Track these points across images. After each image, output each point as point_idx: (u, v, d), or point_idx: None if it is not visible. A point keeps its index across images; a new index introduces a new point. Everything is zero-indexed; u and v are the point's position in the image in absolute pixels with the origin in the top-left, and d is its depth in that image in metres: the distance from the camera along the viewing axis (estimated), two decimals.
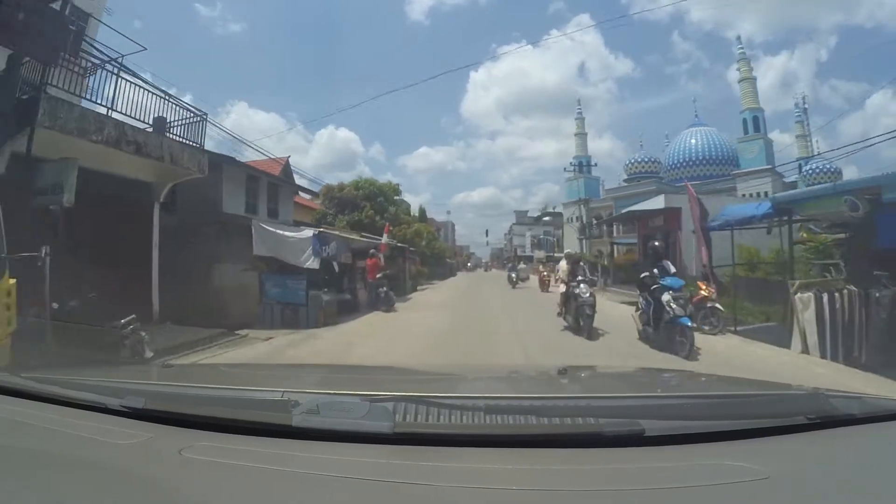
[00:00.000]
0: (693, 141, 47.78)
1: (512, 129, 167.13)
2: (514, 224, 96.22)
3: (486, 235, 66.23)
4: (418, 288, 25.64)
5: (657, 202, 19.62)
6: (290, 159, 22.82)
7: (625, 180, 48.96)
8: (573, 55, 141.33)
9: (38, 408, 1.22)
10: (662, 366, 5.30)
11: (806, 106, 44.06)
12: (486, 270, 73.36)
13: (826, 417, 1.07)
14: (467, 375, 2.02)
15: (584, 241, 36.63)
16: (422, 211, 53.50)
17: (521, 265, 30.60)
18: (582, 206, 40.20)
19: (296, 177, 22.31)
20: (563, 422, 1.05)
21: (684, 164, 46.45)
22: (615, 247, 28.49)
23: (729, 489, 0.79)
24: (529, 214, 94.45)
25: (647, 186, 42.37)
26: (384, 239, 16.71)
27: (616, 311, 11.23)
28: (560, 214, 60.48)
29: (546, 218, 60.07)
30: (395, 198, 27.65)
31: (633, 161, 49.74)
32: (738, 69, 44.40)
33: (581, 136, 55.92)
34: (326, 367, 3.09)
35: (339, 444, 0.97)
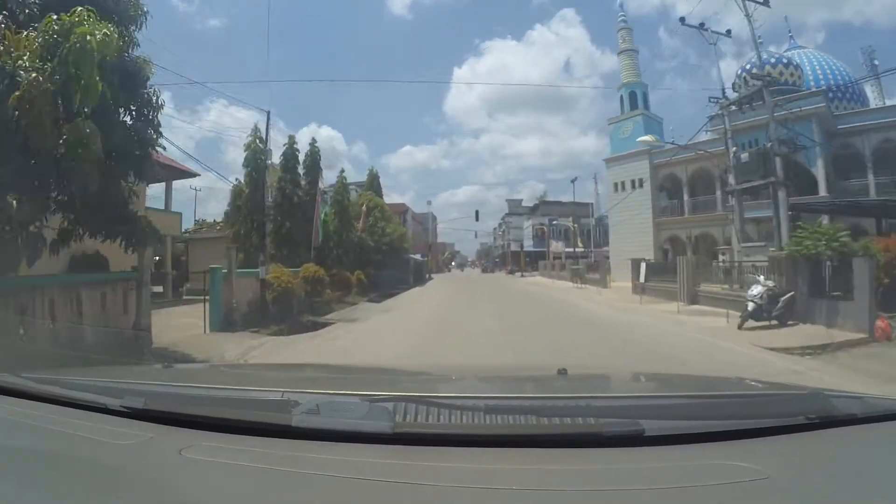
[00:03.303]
0: None
1: (496, 127, 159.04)
2: (507, 215, 77.87)
3: (476, 219, 46.62)
4: None
5: None
6: None
7: (735, 102, 25.44)
8: (557, 49, 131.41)
9: (38, 408, 1.21)
10: None
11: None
12: (458, 269, 53.43)
13: (826, 417, 1.07)
14: (467, 375, 1.98)
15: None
16: (373, 177, 31.85)
17: None
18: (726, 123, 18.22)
19: None
20: (563, 422, 1.04)
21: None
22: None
23: (729, 489, 0.79)
24: (524, 204, 75.43)
25: (807, 103, 21.13)
26: None
27: None
28: (557, 203, 39.66)
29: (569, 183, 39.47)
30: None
31: (753, 69, 25.95)
32: None
33: (629, 53, 34.72)
34: (326, 367, 2.93)
35: (339, 444, 0.96)
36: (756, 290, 9.92)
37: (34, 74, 4.83)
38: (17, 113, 4.80)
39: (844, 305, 8.91)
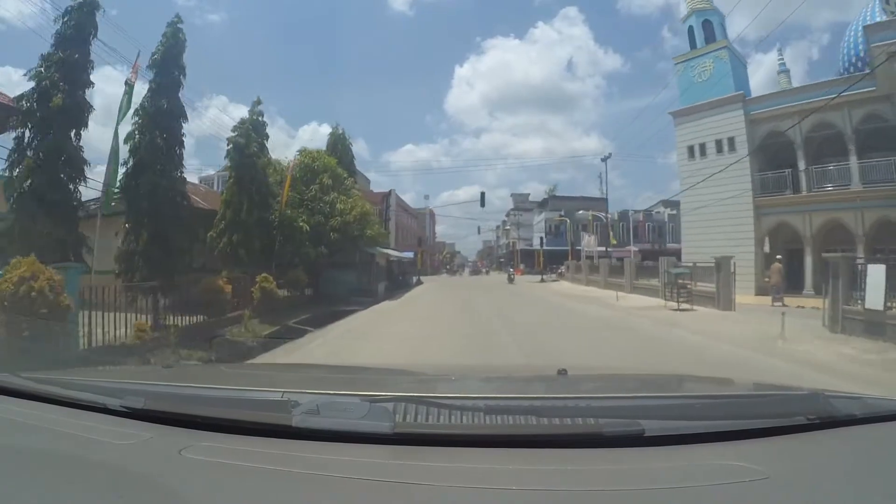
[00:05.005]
0: None
1: (497, 126, 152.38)
2: (512, 210, 68.30)
3: (482, 204, 36.86)
4: None
5: None
6: None
7: None
8: (559, 48, 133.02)
9: (38, 408, 1.21)
10: None
11: None
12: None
13: (826, 418, 1.06)
14: (467, 375, 1.97)
15: None
16: (337, 139, 22.10)
17: None
18: None
19: None
20: (563, 422, 1.04)
21: None
22: None
23: (729, 489, 0.78)
24: (532, 199, 66.29)
25: None
26: None
27: None
28: (568, 198, 29.80)
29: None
30: None
31: None
32: None
33: None
34: (326, 367, 2.90)
35: (339, 445, 0.96)
36: None
37: None
38: None
39: None
